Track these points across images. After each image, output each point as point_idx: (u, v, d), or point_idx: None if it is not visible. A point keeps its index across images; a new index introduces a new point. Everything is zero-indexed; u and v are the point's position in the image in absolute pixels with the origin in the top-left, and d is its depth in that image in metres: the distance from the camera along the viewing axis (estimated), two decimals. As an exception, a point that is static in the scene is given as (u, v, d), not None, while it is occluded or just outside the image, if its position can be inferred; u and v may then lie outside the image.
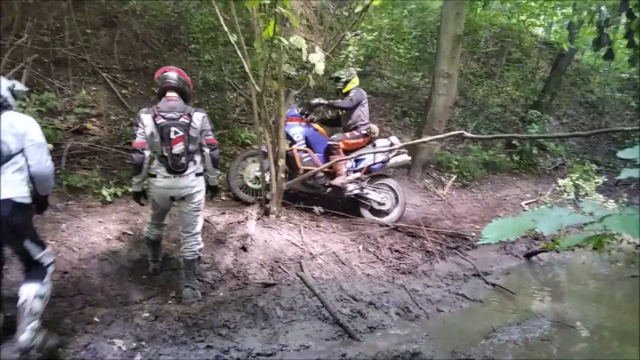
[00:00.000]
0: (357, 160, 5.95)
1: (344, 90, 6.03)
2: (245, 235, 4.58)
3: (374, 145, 6.06)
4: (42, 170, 2.77)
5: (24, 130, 2.70)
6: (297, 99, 6.48)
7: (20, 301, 2.72)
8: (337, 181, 5.66)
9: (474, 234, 5.97)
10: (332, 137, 5.84)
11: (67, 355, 2.86)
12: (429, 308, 4.13)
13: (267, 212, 5.05)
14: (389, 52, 7.39)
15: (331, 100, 5.99)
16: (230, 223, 4.82)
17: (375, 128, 6.21)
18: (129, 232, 4.31)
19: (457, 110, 10.30)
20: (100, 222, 4.36)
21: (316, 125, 6.06)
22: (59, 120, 5.77)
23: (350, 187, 5.78)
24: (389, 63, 9.21)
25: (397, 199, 6.09)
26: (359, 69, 5.51)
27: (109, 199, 4.89)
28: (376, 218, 5.95)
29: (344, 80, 6.00)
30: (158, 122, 3.43)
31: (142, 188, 3.65)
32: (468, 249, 5.63)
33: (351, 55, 4.94)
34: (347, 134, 5.89)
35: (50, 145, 4.03)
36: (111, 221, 4.43)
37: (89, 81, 6.85)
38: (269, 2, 3.73)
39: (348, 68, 6.48)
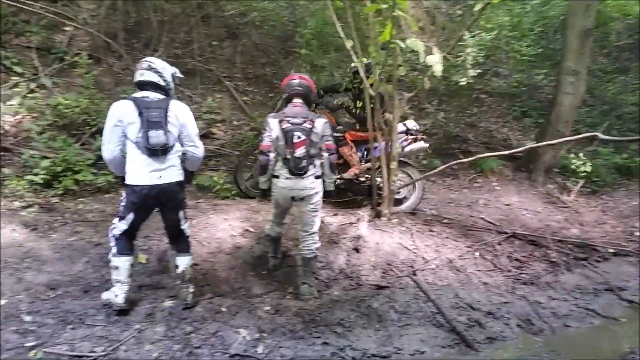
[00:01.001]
0: (368, 150, 5.52)
1: (362, 87, 5.56)
2: (357, 237, 4.64)
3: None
4: (197, 154, 3.42)
5: (184, 120, 3.30)
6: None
7: (179, 270, 3.46)
8: (350, 173, 5.40)
9: (606, 245, 5.43)
10: (338, 127, 5.56)
11: (199, 340, 3.13)
12: (555, 322, 3.85)
13: (378, 215, 5.07)
14: (509, 50, 7.01)
15: (350, 108, 5.61)
16: (343, 224, 4.92)
17: (389, 116, 5.75)
18: (251, 229, 4.59)
19: (583, 109, 9.45)
20: (225, 219, 4.70)
21: (323, 113, 5.67)
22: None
23: (363, 178, 5.50)
24: (508, 61, 8.74)
25: (414, 185, 5.73)
26: (477, 71, 5.23)
27: (231, 198, 5.25)
28: (394, 207, 5.50)
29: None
30: (283, 126, 3.65)
31: (268, 186, 3.89)
32: (599, 261, 5.13)
33: (469, 57, 4.77)
34: (357, 125, 5.64)
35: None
36: (235, 218, 4.75)
37: (214, 89, 7.43)
38: (386, 6, 3.75)
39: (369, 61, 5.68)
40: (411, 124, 5.72)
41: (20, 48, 6.71)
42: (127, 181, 3.21)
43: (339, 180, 5.28)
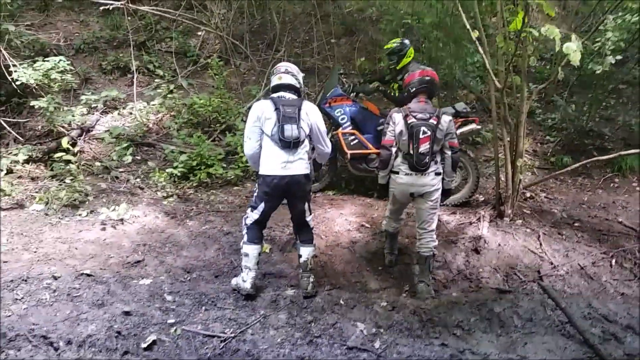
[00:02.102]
0: None
1: (398, 67, 5.28)
2: (477, 237, 4.46)
3: None
4: (325, 151, 3.73)
5: (315, 119, 3.54)
6: (342, 75, 5.94)
7: (302, 259, 3.63)
8: None
9: None
10: (382, 114, 5.22)
11: (318, 330, 3.24)
12: None
13: (500, 215, 4.81)
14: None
15: (387, 90, 5.45)
16: (462, 223, 4.76)
17: (434, 100, 5.31)
18: (366, 224, 4.64)
19: None
20: (341, 213, 4.81)
21: (365, 103, 5.51)
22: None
23: None
24: (656, 46, 7.73)
25: (468, 174, 5.26)
26: (617, 57, 4.69)
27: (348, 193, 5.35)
28: (444, 197, 5.07)
29: (397, 54, 5.20)
30: (409, 121, 3.65)
31: (386, 181, 3.90)
32: None
33: (609, 42, 4.29)
34: None
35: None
36: (351, 213, 4.84)
37: (331, 86, 7.59)
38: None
39: (402, 39, 5.41)
40: (460, 106, 5.39)
41: (161, 53, 7.49)
42: (261, 172, 3.50)
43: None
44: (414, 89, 3.83)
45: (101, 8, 5.77)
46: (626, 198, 5.93)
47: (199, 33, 7.95)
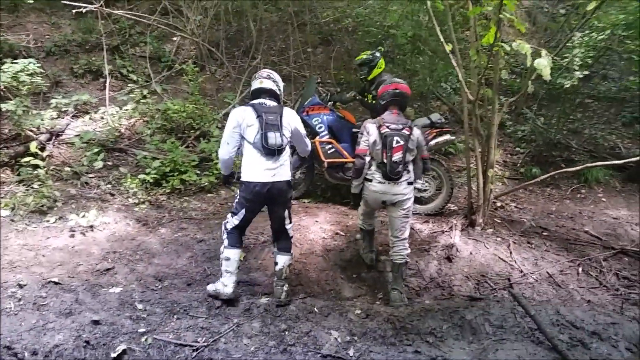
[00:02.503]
0: None
1: (369, 78, 5.42)
2: (449, 246, 4.53)
3: None
4: (307, 149, 3.87)
5: (295, 125, 3.63)
6: (319, 84, 6.00)
7: (278, 267, 3.61)
8: None
9: None
10: (358, 123, 5.29)
11: (293, 338, 3.22)
12: (672, 350, 3.47)
13: (472, 223, 4.90)
14: (622, 50, 6.44)
15: (364, 99, 5.54)
16: (434, 232, 4.82)
17: (409, 111, 5.61)
18: (341, 232, 4.66)
19: None
20: (316, 221, 4.81)
21: (341, 112, 5.61)
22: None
23: None
24: (619, 63, 8.04)
25: (442, 184, 5.33)
26: (585, 73, 4.88)
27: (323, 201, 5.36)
28: (419, 207, 5.27)
29: (368, 65, 5.34)
30: (382, 131, 3.72)
31: (359, 190, 3.95)
32: None
33: (577, 59, 4.46)
34: None
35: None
36: (325, 221, 4.85)
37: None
38: (491, 8, 3.63)
39: (372, 51, 5.53)
40: (435, 116, 5.44)
41: (135, 57, 7.38)
42: (243, 178, 3.50)
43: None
44: (386, 101, 3.91)
45: (74, 11, 5.65)
46: (592, 208, 6.14)
47: (174, 38, 7.88)
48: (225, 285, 3.47)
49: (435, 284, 4.13)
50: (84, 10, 5.71)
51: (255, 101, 3.57)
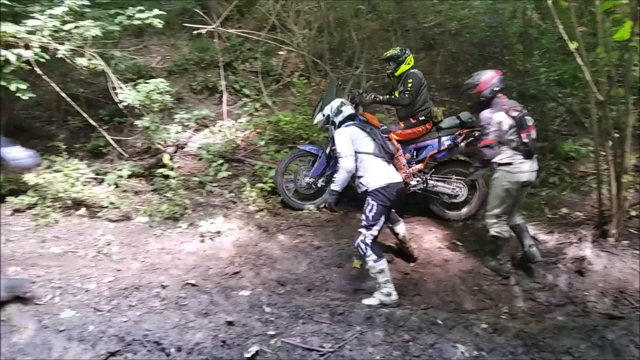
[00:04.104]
0: (417, 150, 5.10)
1: (396, 74, 5.21)
2: (580, 258, 4.20)
3: (440, 129, 5.09)
4: None
5: None
6: (340, 86, 5.63)
7: (401, 235, 4.21)
8: None
9: None
10: (382, 127, 4.84)
11: (417, 349, 3.18)
12: None
13: (604, 234, 4.50)
14: None
15: (387, 97, 5.30)
16: (561, 243, 4.51)
17: (437, 110, 5.21)
18: (458, 242, 4.52)
19: None
20: (430, 230, 4.72)
21: (365, 115, 5.08)
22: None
23: (413, 182, 4.90)
24: None
25: (475, 187, 5.06)
26: None
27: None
28: (450, 212, 5.07)
29: (396, 61, 5.14)
30: (514, 114, 3.95)
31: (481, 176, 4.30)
32: None
33: None
34: (401, 124, 5.05)
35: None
36: (440, 231, 4.74)
37: (410, 101, 7.54)
38: (627, 1, 3.35)
39: (402, 47, 5.33)
40: (465, 115, 5.15)
41: (246, 73, 7.79)
42: (377, 185, 3.71)
43: None
44: (498, 88, 4.08)
45: (195, 32, 6.12)
46: None
47: (280, 53, 8.20)
48: (390, 294, 3.67)
49: (567, 299, 3.85)
50: (204, 32, 6.17)
51: (351, 122, 4.12)
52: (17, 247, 4.06)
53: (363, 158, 3.82)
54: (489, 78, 4.11)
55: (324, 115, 4.61)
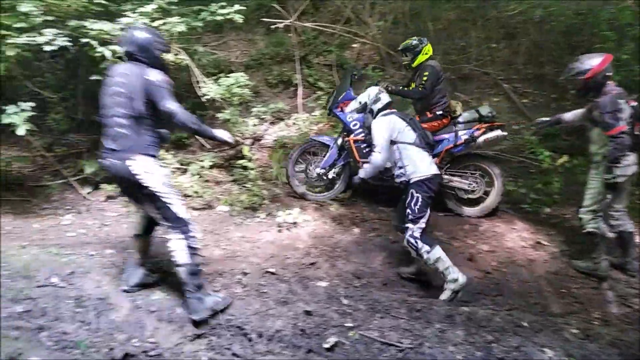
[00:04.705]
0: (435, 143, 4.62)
1: (412, 65, 5.04)
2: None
3: (457, 124, 4.91)
4: None
5: None
6: (355, 77, 5.34)
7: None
8: None
9: None
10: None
11: (501, 351, 3.05)
12: None
13: None
14: None
15: (400, 89, 5.09)
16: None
17: (455, 104, 5.05)
18: (543, 242, 4.30)
19: None
20: (513, 228, 4.52)
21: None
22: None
23: None
24: None
25: (492, 182, 4.81)
26: None
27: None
28: (467, 209, 4.89)
29: (413, 51, 4.98)
30: (633, 104, 3.75)
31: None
32: None
33: None
34: (417, 117, 4.66)
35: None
36: (524, 229, 4.53)
37: (490, 93, 7.24)
38: None
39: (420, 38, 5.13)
40: (485, 109, 4.99)
41: (320, 66, 7.83)
42: (420, 175, 3.63)
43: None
44: (609, 73, 3.79)
45: (272, 27, 6.23)
46: None
47: (354, 45, 8.16)
48: (456, 279, 3.56)
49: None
50: (281, 26, 6.26)
51: (389, 110, 3.96)
52: (111, 231, 4.36)
53: (404, 148, 3.73)
54: (601, 62, 3.77)
55: (360, 103, 4.29)
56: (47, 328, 2.76)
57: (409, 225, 3.64)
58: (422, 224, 3.62)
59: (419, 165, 3.67)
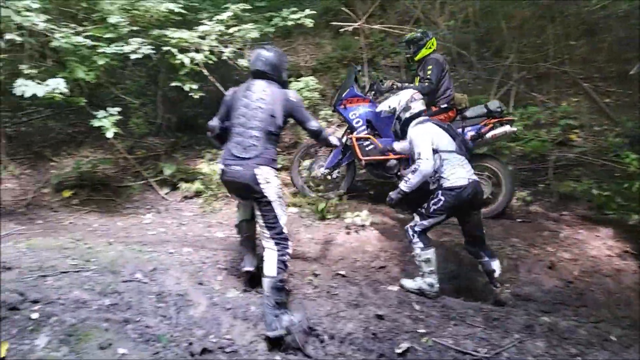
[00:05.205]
0: None
1: (416, 58, 5.01)
2: None
3: (464, 118, 4.77)
4: None
5: None
6: (359, 73, 5.26)
7: (497, 275, 3.66)
8: None
9: None
10: None
11: (589, 364, 2.88)
12: None
13: None
14: None
15: (405, 84, 4.85)
16: None
17: (461, 97, 4.91)
18: (631, 250, 4.00)
19: None
20: (597, 236, 4.25)
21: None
22: (544, 132, 6.00)
23: None
24: None
25: (499, 183, 4.64)
26: None
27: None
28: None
29: (417, 44, 4.94)
30: None
31: None
32: None
33: None
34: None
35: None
36: (608, 237, 4.24)
37: (569, 92, 6.87)
38: None
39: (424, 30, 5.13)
40: (494, 104, 4.80)
41: (387, 67, 7.78)
42: (453, 184, 3.54)
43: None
44: None
45: (341, 30, 6.25)
46: None
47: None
48: (432, 285, 3.57)
49: None
50: (350, 29, 6.28)
51: (423, 118, 3.86)
52: (188, 230, 4.56)
53: (445, 156, 3.61)
54: None
55: (389, 107, 4.15)
56: (132, 321, 2.91)
57: (416, 216, 3.66)
58: (428, 223, 3.62)
59: (457, 173, 3.57)
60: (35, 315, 2.61)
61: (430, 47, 4.98)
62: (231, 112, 3.28)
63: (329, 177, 5.08)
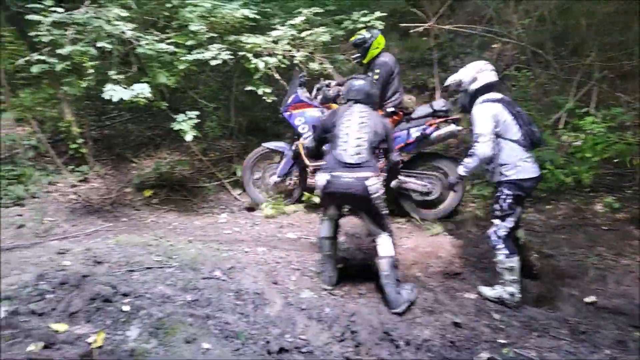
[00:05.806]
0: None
1: (364, 61, 4.82)
2: None
3: (409, 120, 4.69)
4: None
5: None
6: (303, 78, 5.03)
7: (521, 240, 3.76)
8: None
9: None
10: None
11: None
12: None
13: None
14: None
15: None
16: None
17: (409, 100, 4.82)
18: None
19: None
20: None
21: (332, 108, 4.67)
22: (629, 134, 5.61)
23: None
24: None
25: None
26: None
27: None
28: (424, 211, 4.72)
29: (361, 47, 4.76)
30: None
31: None
32: None
33: None
34: None
35: None
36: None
37: (658, 92, 6.37)
38: None
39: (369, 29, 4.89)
40: (439, 104, 4.74)
41: (456, 69, 7.55)
42: (515, 177, 3.40)
43: None
44: None
45: (411, 31, 6.18)
46: None
47: (494, 46, 7.77)
48: (514, 294, 3.43)
49: None
50: (421, 29, 6.19)
51: (497, 95, 3.53)
52: (261, 230, 4.67)
53: (506, 145, 3.42)
54: None
55: (455, 79, 3.75)
56: (213, 317, 3.01)
57: (495, 221, 3.50)
58: (509, 222, 3.45)
59: (520, 166, 3.40)
60: (126, 308, 2.75)
61: (377, 47, 4.80)
62: (334, 129, 3.51)
63: (281, 185, 5.11)
